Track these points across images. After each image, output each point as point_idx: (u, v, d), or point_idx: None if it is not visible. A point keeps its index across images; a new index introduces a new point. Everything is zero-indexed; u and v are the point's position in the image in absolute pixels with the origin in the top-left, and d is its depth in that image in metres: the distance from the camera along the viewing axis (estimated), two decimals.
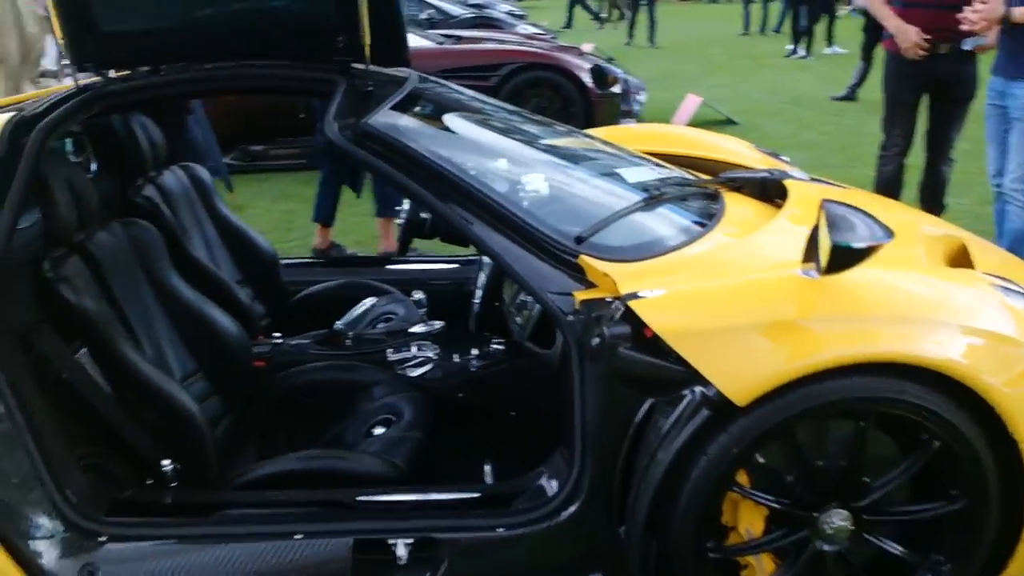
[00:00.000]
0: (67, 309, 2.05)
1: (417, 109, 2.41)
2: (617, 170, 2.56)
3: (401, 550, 1.90)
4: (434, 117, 2.49)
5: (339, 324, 2.83)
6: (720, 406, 1.71)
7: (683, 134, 3.32)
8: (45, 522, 1.86)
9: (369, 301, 2.93)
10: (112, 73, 2.34)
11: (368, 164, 2.03)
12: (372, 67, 2.36)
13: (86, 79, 2.31)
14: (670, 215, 2.26)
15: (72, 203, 2.16)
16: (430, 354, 2.73)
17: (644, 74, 8.49)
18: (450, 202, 1.99)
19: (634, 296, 1.80)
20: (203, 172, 3.21)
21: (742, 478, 1.85)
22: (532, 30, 10.78)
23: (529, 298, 2.29)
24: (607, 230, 2.05)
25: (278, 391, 2.64)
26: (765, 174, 2.54)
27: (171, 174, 3.03)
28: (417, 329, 2.78)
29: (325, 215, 4.85)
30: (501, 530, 1.92)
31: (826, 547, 1.86)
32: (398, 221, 3.16)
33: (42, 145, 2.00)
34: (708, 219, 2.23)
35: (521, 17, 13.33)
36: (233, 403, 2.51)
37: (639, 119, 6.56)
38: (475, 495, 2.06)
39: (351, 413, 2.53)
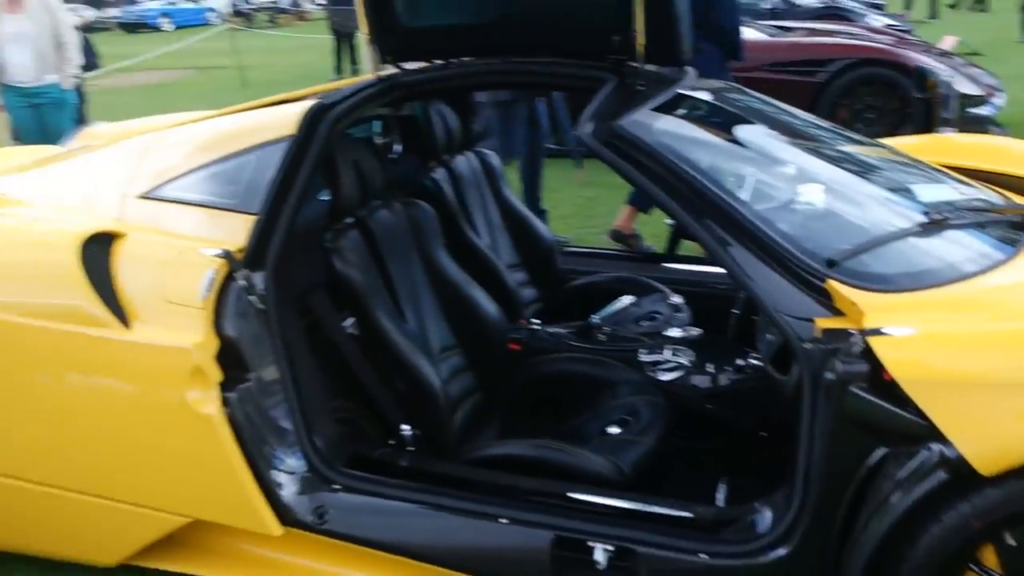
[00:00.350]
0: (337, 277, 2.27)
1: (686, 112, 2.34)
2: (909, 187, 2.29)
3: (600, 555, 1.88)
4: (702, 121, 2.40)
5: (595, 318, 2.85)
6: (961, 471, 1.48)
7: (1010, 148, 2.89)
8: (291, 460, 2.09)
9: (628, 299, 2.92)
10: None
11: (616, 166, 2.00)
12: (649, 67, 2.33)
13: (385, 71, 2.53)
14: (953, 243, 1.98)
15: (356, 182, 2.39)
16: (683, 360, 2.66)
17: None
18: (690, 211, 1.91)
19: (877, 332, 1.61)
20: (494, 159, 3.38)
21: (989, 558, 1.59)
22: (885, 22, 9.94)
23: None
24: (870, 254, 1.85)
25: (528, 375, 2.72)
26: None
27: (464, 159, 3.23)
28: (673, 333, 2.72)
29: (642, 200, 4.81)
30: (704, 556, 1.83)
31: None
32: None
33: (331, 129, 2.23)
34: (1003, 251, 1.92)
35: (878, 7, 12.33)
36: (484, 380, 2.63)
37: (995, 124, 5.82)
38: (686, 515, 1.98)
39: (593, 407, 2.55)
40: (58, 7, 5.87)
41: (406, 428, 2.30)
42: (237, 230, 2.18)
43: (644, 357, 2.68)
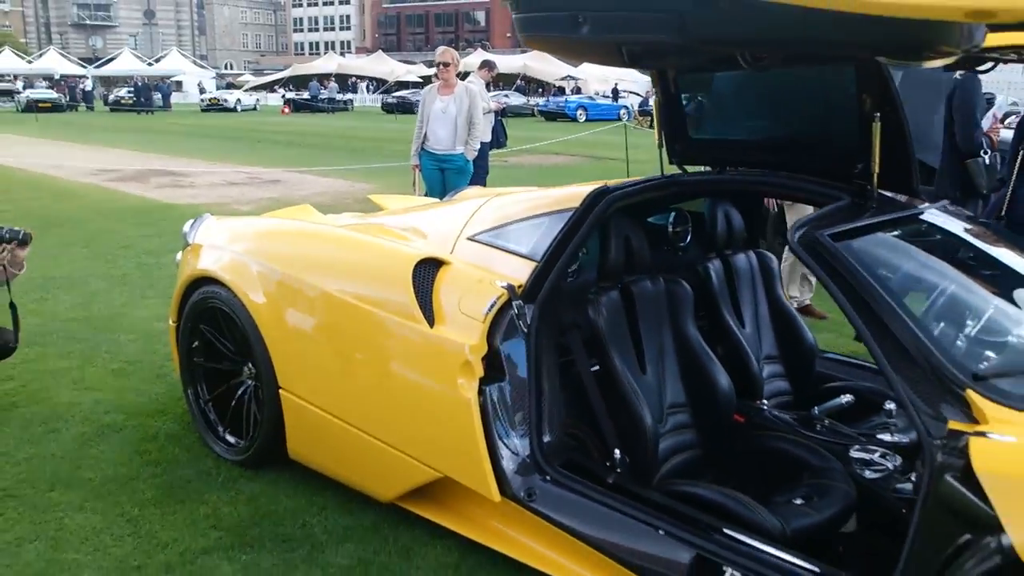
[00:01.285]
0: (589, 324, 2.88)
1: (900, 235, 2.62)
2: None
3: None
4: (912, 246, 2.65)
5: (816, 410, 3.12)
6: (1010, 557, 1.68)
7: None
8: (518, 446, 2.72)
9: (847, 398, 3.15)
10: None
11: (809, 267, 2.38)
12: (885, 193, 2.67)
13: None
14: None
15: (623, 252, 2.99)
16: (890, 465, 2.85)
17: None
18: (867, 323, 2.22)
19: (982, 435, 1.85)
20: (772, 261, 3.77)
21: None
22: None
23: None
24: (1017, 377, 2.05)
25: (747, 444, 3.08)
26: None
27: (744, 256, 3.67)
28: (885, 437, 2.92)
29: None
30: None
31: None
32: None
33: (607, 208, 2.86)
34: None
35: None
36: (704, 439, 3.05)
37: None
38: (813, 571, 2.25)
39: (791, 482, 2.85)
40: (476, 93, 7.29)
41: (618, 453, 2.82)
42: (524, 272, 2.90)
43: (855, 454, 2.91)
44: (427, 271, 3.01)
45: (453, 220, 3.38)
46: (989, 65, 3.02)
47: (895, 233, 2.66)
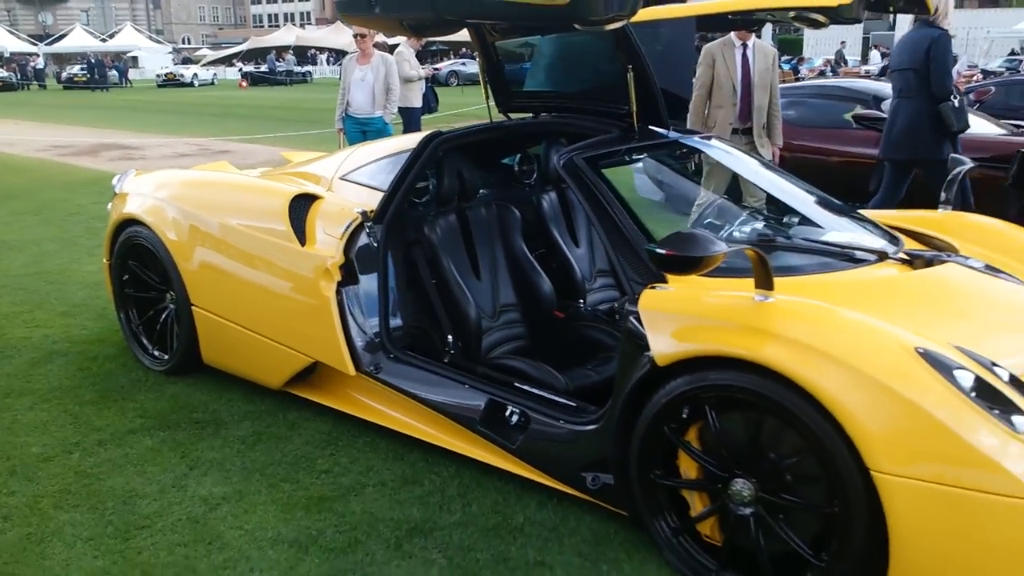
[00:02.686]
0: (425, 239, 3.65)
1: (643, 157, 3.45)
2: (815, 226, 3.21)
3: (510, 413, 3.07)
4: (655, 164, 3.48)
5: (616, 303, 3.94)
6: (654, 364, 2.50)
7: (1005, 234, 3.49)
8: (369, 332, 3.52)
9: None
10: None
11: (567, 183, 3.16)
12: (648, 127, 3.48)
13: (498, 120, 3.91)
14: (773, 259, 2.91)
15: (457, 183, 3.75)
16: None
17: None
18: (601, 221, 3.01)
19: (654, 287, 2.67)
20: None
21: (695, 440, 2.55)
22: None
23: None
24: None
25: (565, 333, 3.88)
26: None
27: None
28: None
29: None
30: (561, 423, 2.94)
31: (734, 507, 2.45)
32: None
33: (435, 151, 3.62)
34: (806, 272, 2.84)
35: None
36: (531, 330, 3.85)
37: None
38: (569, 404, 3.07)
39: (592, 358, 3.66)
40: (392, 62, 7.99)
41: (451, 338, 3.61)
42: (376, 201, 3.67)
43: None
44: (303, 204, 3.78)
45: (331, 165, 4.14)
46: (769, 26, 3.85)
47: (639, 156, 3.47)
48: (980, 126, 7.37)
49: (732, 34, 6.03)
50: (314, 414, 3.79)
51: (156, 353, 4.41)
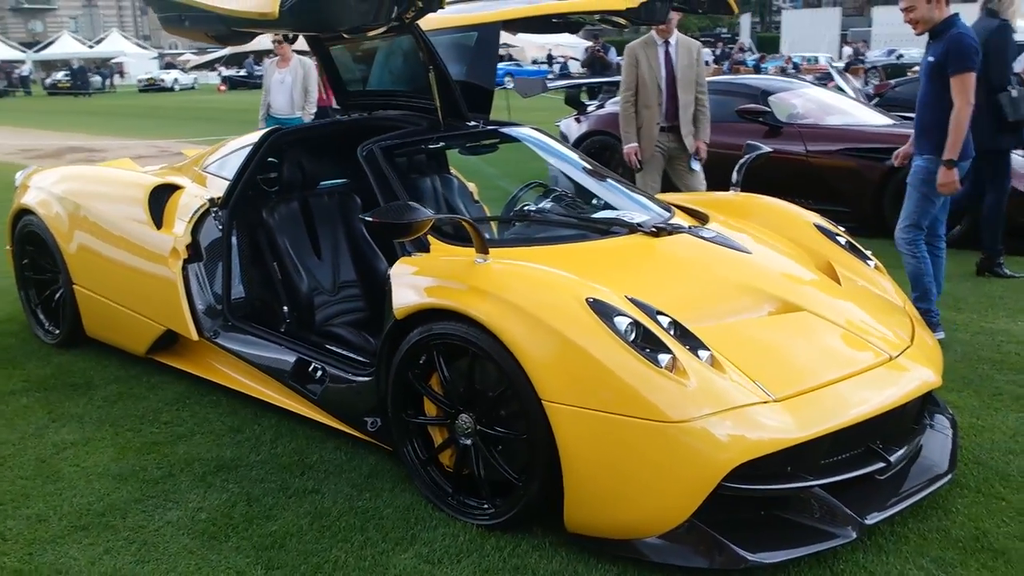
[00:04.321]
0: (264, 223, 4.16)
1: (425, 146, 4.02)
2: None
3: (313, 369, 3.58)
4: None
5: None
6: (395, 318, 3.02)
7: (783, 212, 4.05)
8: (211, 302, 4.02)
9: None
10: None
11: (365, 168, 3.67)
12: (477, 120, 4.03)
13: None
14: (533, 229, 3.43)
15: (297, 173, 4.26)
16: None
17: None
18: (384, 198, 3.53)
19: (410, 254, 3.19)
20: (452, 182, 5.09)
21: (436, 384, 3.06)
22: None
23: None
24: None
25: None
26: None
27: (428, 179, 4.99)
28: None
29: None
30: (351, 375, 3.44)
31: (461, 439, 2.96)
32: None
33: (274, 144, 4.14)
34: (564, 241, 3.36)
35: None
36: (370, 306, 4.35)
37: None
38: (361, 360, 3.57)
39: None
40: (310, 66, 8.52)
41: (286, 309, 4.12)
42: (223, 189, 4.18)
43: None
44: (163, 193, 4.29)
45: (202, 157, 4.66)
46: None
47: (435, 145, 4.04)
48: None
49: (653, 32, 6.04)
50: (174, 379, 4.29)
51: (49, 328, 4.91)
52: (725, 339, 2.83)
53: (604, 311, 2.69)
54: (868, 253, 3.84)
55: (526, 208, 3.99)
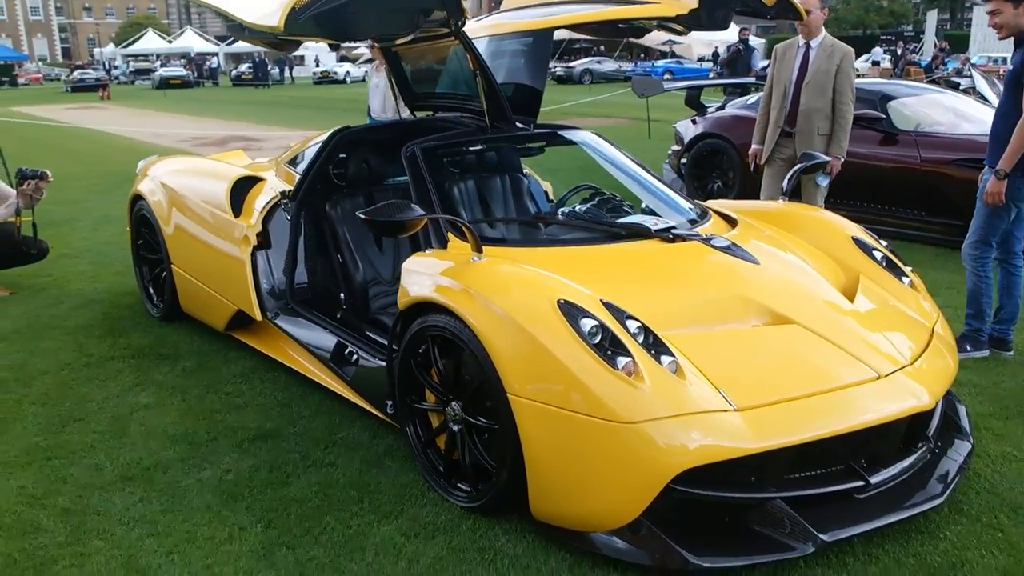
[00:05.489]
0: (329, 217, 4.50)
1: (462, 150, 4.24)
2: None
3: (349, 353, 3.89)
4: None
5: None
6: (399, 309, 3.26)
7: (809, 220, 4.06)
8: (278, 287, 4.42)
9: None
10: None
11: (406, 169, 3.92)
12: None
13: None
14: (544, 230, 3.57)
15: (363, 170, 4.58)
16: None
17: None
18: (419, 198, 3.76)
19: (422, 251, 3.42)
20: (521, 182, 5.28)
21: (435, 376, 3.27)
22: None
23: None
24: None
25: None
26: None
27: (497, 178, 5.20)
28: None
29: None
30: (374, 359, 3.71)
31: (452, 425, 3.16)
32: None
33: (340, 143, 4.47)
34: (565, 244, 3.50)
35: None
36: None
37: None
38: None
39: None
40: None
41: (343, 296, 4.44)
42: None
43: None
44: (246, 184, 4.73)
45: (290, 152, 5.08)
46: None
47: (463, 148, 4.27)
48: None
49: (799, 32, 5.83)
50: (247, 355, 4.73)
51: (156, 303, 5.49)
52: (700, 347, 2.89)
53: (572, 313, 2.81)
54: (907, 269, 3.74)
55: (565, 210, 4.13)
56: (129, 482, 3.42)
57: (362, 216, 3.09)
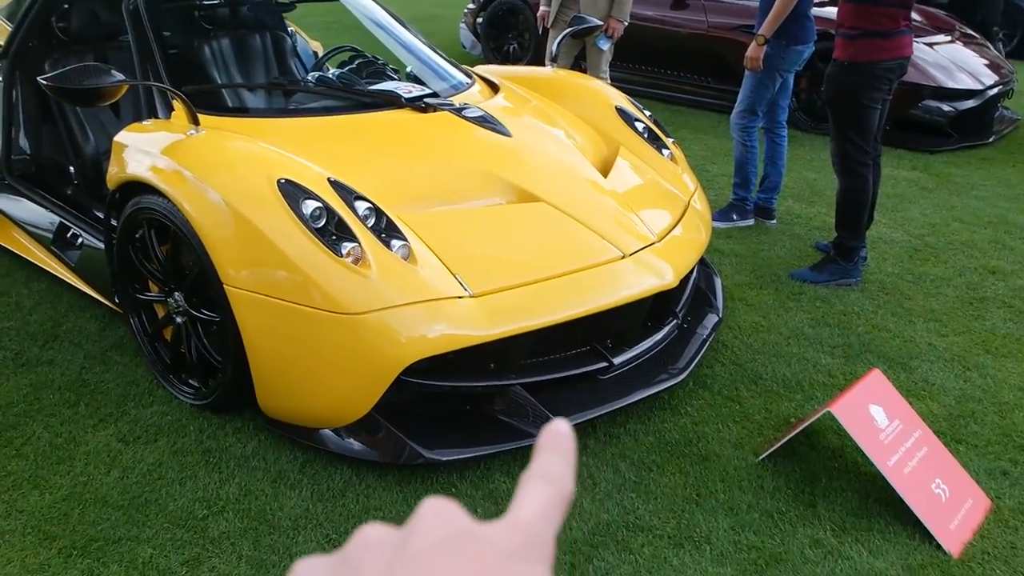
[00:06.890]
0: None
1: None
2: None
3: (74, 236, 3.44)
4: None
5: None
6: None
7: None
8: None
9: None
10: None
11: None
12: None
13: None
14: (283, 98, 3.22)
15: (92, 23, 3.98)
16: None
17: None
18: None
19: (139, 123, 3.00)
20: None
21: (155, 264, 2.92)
22: None
23: None
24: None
25: None
26: None
27: None
28: None
29: None
30: (101, 242, 3.31)
31: (176, 317, 2.86)
32: None
33: None
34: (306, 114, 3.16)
35: None
36: None
37: None
38: None
39: None
40: None
41: (72, 170, 3.92)
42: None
43: None
44: None
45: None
46: None
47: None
48: None
49: None
50: None
51: None
52: (437, 228, 2.69)
53: (293, 194, 2.52)
54: (669, 141, 3.67)
55: (322, 75, 3.75)
56: None
57: (43, 81, 2.62)
